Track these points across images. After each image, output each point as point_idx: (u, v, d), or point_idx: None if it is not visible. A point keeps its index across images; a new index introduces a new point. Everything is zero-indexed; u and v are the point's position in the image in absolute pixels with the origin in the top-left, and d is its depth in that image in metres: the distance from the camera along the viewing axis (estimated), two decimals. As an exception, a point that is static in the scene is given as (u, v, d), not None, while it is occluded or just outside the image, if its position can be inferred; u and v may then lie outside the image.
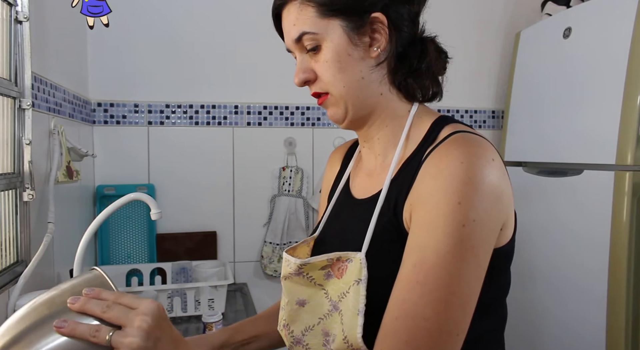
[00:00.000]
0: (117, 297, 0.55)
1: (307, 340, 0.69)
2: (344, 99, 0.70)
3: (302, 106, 1.94)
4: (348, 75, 0.69)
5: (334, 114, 0.73)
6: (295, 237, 1.90)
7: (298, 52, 0.72)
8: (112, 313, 0.53)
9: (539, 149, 1.79)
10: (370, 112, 0.72)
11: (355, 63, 0.69)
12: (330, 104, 0.72)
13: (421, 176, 0.63)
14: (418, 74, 0.71)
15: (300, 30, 0.69)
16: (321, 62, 0.69)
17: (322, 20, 0.68)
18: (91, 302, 0.53)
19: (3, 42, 1.08)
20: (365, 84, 0.70)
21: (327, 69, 0.69)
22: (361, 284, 0.62)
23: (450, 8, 2.05)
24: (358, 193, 0.77)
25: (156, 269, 1.69)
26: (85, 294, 0.55)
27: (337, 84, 0.69)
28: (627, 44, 1.43)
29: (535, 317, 1.73)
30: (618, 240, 1.42)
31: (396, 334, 0.57)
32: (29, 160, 1.13)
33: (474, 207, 0.57)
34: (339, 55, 0.68)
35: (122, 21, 1.75)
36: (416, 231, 0.60)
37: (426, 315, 0.56)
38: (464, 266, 0.57)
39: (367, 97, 0.71)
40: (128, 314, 0.53)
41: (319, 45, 0.69)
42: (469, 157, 0.59)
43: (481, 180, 0.58)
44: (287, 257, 0.73)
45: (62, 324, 0.51)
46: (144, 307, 0.54)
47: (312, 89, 0.73)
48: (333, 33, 0.68)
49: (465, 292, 0.57)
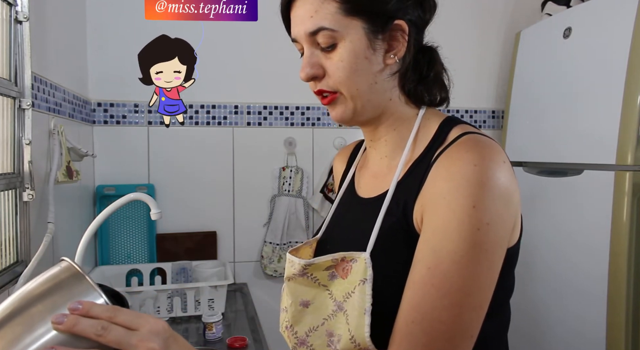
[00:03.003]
0: (112, 314, 0.47)
1: (311, 341, 0.69)
2: (354, 100, 0.68)
3: (302, 106, 1.94)
4: (362, 78, 0.67)
5: (342, 113, 0.70)
6: (295, 237, 1.90)
7: (308, 45, 0.68)
8: (111, 337, 0.45)
9: (539, 149, 1.79)
10: (378, 115, 0.72)
11: (371, 68, 0.67)
12: (339, 103, 0.70)
13: (432, 178, 0.62)
14: (427, 82, 0.71)
15: (319, 25, 0.65)
16: (335, 60, 0.66)
17: (344, 18, 0.65)
18: (82, 322, 0.45)
19: (3, 42, 1.08)
20: (377, 89, 0.69)
21: (341, 68, 0.66)
22: (367, 284, 0.62)
23: (451, 8, 2.04)
24: (364, 193, 0.77)
25: (156, 269, 1.69)
26: (71, 310, 0.46)
27: (350, 86, 0.67)
28: (627, 44, 1.43)
29: (536, 317, 1.73)
30: (618, 240, 1.42)
31: (413, 338, 0.57)
32: (28, 160, 1.12)
33: (488, 211, 0.57)
34: (356, 57, 0.66)
35: (122, 21, 1.75)
36: (429, 234, 0.60)
37: (442, 318, 0.56)
38: (478, 269, 0.57)
39: (377, 102, 0.70)
40: (129, 339, 0.46)
41: (336, 44, 0.66)
42: (481, 160, 0.58)
43: (494, 184, 0.58)
44: (291, 257, 0.73)
45: None
46: (147, 331, 0.47)
47: (318, 85, 0.69)
48: (354, 33, 0.65)
49: (479, 294, 0.57)
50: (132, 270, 1.67)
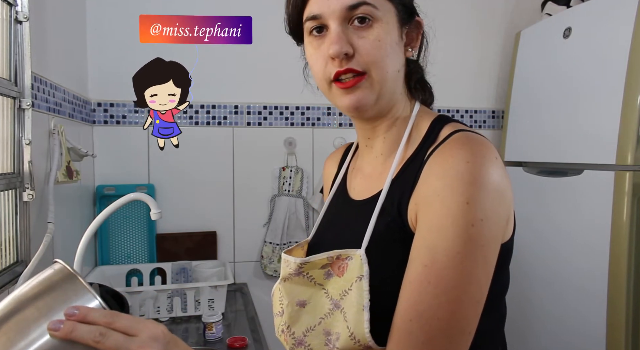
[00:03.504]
0: (110, 319, 0.46)
1: (309, 340, 0.69)
2: (380, 85, 0.66)
3: (302, 106, 1.94)
4: (392, 62, 0.67)
5: (364, 97, 0.66)
6: (295, 237, 1.90)
7: (339, 21, 0.64)
8: (109, 343, 0.45)
9: (539, 149, 1.79)
10: (390, 108, 0.72)
11: (399, 54, 0.69)
12: (364, 87, 0.66)
13: (425, 176, 0.63)
14: (423, 80, 0.75)
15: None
16: (371, 39, 0.64)
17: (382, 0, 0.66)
18: (79, 328, 0.45)
19: (3, 42, 1.08)
20: (399, 77, 0.70)
21: (377, 48, 0.64)
22: (364, 280, 0.62)
23: (451, 8, 2.05)
24: (356, 195, 0.77)
25: (156, 269, 1.70)
26: (67, 316, 0.45)
27: (382, 67, 0.65)
28: (628, 43, 1.43)
29: (537, 318, 1.73)
30: (618, 240, 1.42)
31: (412, 336, 0.57)
32: (28, 160, 1.12)
33: (482, 207, 0.57)
34: (392, 39, 0.66)
35: (122, 21, 1.75)
36: (424, 232, 0.60)
37: (440, 315, 0.56)
38: (474, 265, 0.57)
39: (394, 92, 0.70)
40: (129, 345, 0.45)
41: (372, 22, 0.65)
42: (474, 156, 0.59)
43: (487, 180, 0.58)
44: (286, 257, 0.73)
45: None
46: (147, 337, 0.46)
47: (347, 65, 0.64)
48: (390, 17, 0.66)
49: (476, 291, 0.58)
50: (132, 270, 1.67)
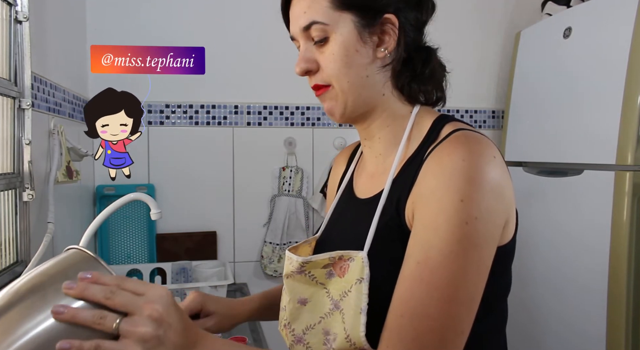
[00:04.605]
0: (119, 282, 0.50)
1: (308, 339, 0.69)
2: (345, 94, 0.70)
3: (302, 106, 1.94)
4: (353, 71, 0.68)
5: (331, 107, 0.72)
6: (295, 237, 1.90)
7: (303, 40, 0.71)
8: (118, 300, 0.48)
9: (539, 149, 1.79)
10: (369, 111, 0.72)
11: (362, 60, 0.68)
12: (329, 98, 0.71)
13: (423, 174, 0.63)
14: (421, 79, 0.72)
15: (311, 19, 0.68)
16: (327, 54, 0.68)
17: (334, 12, 0.67)
18: (91, 287, 0.48)
19: (3, 42, 1.08)
20: (369, 83, 0.70)
21: (332, 61, 0.68)
22: (363, 283, 0.62)
23: (451, 8, 2.04)
24: (361, 193, 0.77)
25: (156, 269, 1.69)
26: (81, 279, 0.49)
27: (341, 78, 0.68)
28: (628, 43, 1.43)
29: (538, 318, 1.73)
30: (618, 240, 1.42)
31: (402, 332, 0.57)
32: (28, 160, 1.12)
33: (477, 205, 0.57)
34: (346, 49, 0.67)
35: (122, 21, 1.75)
36: (419, 229, 0.60)
37: (431, 313, 0.56)
38: (467, 264, 0.57)
39: (369, 97, 0.70)
40: (135, 301, 0.49)
41: (327, 37, 0.68)
42: (470, 155, 0.59)
43: (483, 178, 0.58)
44: (289, 255, 0.73)
45: (61, 310, 0.46)
46: (152, 295, 0.50)
47: (312, 80, 0.71)
48: (343, 27, 0.67)
49: (469, 289, 0.57)
50: (132, 270, 1.67)
